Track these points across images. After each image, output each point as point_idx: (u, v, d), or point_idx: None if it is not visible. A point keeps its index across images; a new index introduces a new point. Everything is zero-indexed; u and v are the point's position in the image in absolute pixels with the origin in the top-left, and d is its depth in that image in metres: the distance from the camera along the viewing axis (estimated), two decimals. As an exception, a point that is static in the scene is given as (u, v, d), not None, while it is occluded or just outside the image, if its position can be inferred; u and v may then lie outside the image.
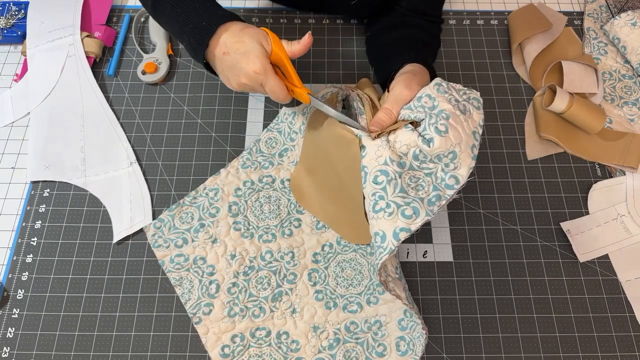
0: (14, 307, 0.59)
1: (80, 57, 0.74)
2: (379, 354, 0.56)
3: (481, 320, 0.59)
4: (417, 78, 0.57)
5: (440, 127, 0.49)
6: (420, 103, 0.52)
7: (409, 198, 0.49)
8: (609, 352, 0.57)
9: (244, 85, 0.56)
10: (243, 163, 0.67)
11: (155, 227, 0.63)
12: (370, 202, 0.50)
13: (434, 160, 0.50)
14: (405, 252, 0.63)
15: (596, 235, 0.63)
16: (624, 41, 0.75)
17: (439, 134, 0.49)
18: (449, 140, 0.49)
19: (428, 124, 0.50)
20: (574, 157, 0.69)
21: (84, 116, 0.71)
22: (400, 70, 0.61)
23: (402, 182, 0.49)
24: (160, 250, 0.61)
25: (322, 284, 0.60)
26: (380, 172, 0.50)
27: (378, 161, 0.50)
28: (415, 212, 0.48)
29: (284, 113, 0.69)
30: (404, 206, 0.48)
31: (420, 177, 0.51)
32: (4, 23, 0.78)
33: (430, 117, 0.50)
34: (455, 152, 0.50)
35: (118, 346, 0.57)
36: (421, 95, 0.53)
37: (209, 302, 0.59)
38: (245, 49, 0.54)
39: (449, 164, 0.50)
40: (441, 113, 0.50)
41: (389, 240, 0.48)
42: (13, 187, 0.66)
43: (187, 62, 0.76)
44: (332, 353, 0.56)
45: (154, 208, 0.65)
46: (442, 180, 0.50)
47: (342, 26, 0.80)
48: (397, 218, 0.48)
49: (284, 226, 0.63)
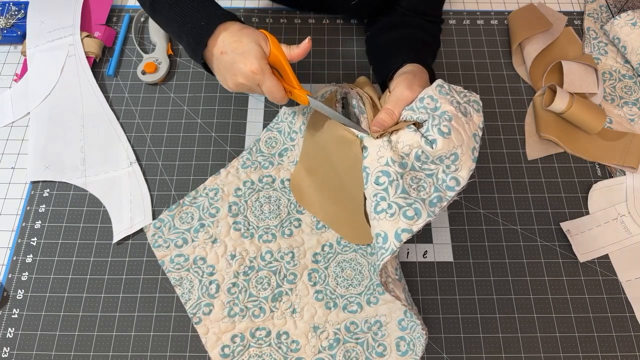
0: (13, 307, 0.59)
1: (80, 57, 0.74)
2: (379, 354, 0.56)
3: (481, 320, 0.59)
4: (418, 79, 0.57)
5: (444, 128, 0.49)
6: (423, 104, 0.52)
7: (411, 199, 0.49)
8: (609, 352, 0.57)
9: (241, 86, 0.55)
10: (243, 163, 0.67)
11: (155, 227, 0.63)
12: (371, 203, 0.50)
13: (436, 162, 0.50)
14: (406, 252, 0.63)
15: (596, 235, 0.63)
16: (624, 41, 0.75)
17: (442, 136, 0.49)
18: (451, 141, 0.49)
19: (431, 125, 0.50)
20: (574, 157, 0.69)
21: (84, 116, 0.71)
22: (400, 70, 0.61)
23: (403, 183, 0.49)
24: (160, 251, 0.61)
25: (322, 284, 0.60)
26: (382, 172, 0.50)
27: (380, 162, 0.50)
28: (417, 213, 0.48)
29: (283, 112, 0.69)
30: (405, 207, 0.48)
31: (422, 178, 0.51)
32: (3, 23, 0.78)
33: (433, 118, 0.50)
34: (457, 153, 0.50)
35: (118, 346, 0.57)
36: (423, 97, 0.53)
37: (209, 302, 0.59)
38: (244, 49, 0.53)
39: (450, 165, 0.50)
40: (444, 115, 0.50)
41: (391, 241, 0.48)
42: (13, 187, 0.66)
43: (187, 62, 0.76)
44: (332, 353, 0.56)
45: (154, 208, 0.65)
46: (443, 182, 0.51)
47: (342, 26, 0.80)
48: (399, 219, 0.48)
49: (284, 226, 0.63)
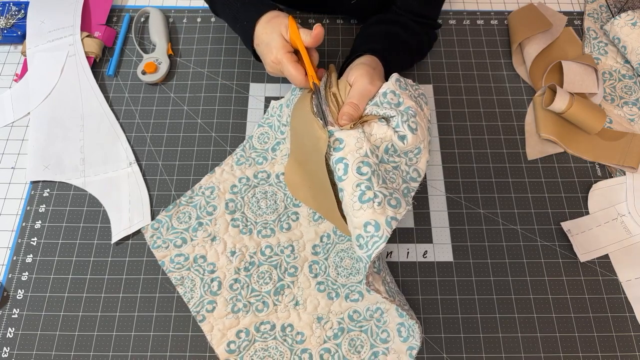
0: (14, 307, 0.59)
1: (80, 57, 0.74)
2: (383, 340, 0.56)
3: (481, 320, 0.59)
4: (377, 72, 0.60)
5: (412, 124, 0.54)
6: (387, 99, 0.55)
7: (391, 189, 0.50)
8: (608, 352, 0.57)
9: (273, 72, 0.62)
10: (237, 160, 0.67)
11: (153, 229, 0.63)
12: (355, 192, 0.50)
13: (401, 155, 0.54)
14: (406, 252, 0.63)
15: (596, 235, 0.63)
16: (624, 41, 0.75)
17: (412, 132, 0.53)
18: (417, 137, 0.54)
19: (401, 122, 0.53)
20: (574, 157, 0.69)
21: (83, 116, 0.71)
22: (360, 59, 0.62)
23: (382, 174, 0.51)
24: (159, 251, 0.61)
25: (323, 275, 0.60)
26: (363, 163, 0.50)
27: (359, 152, 0.51)
28: (398, 203, 0.50)
29: (272, 106, 0.70)
30: (389, 196, 0.50)
31: (390, 170, 0.54)
32: (4, 23, 0.78)
33: (402, 115, 0.54)
34: (420, 147, 0.55)
35: (118, 346, 0.57)
36: (386, 91, 0.55)
37: (211, 300, 0.59)
38: (268, 40, 0.60)
39: (412, 158, 0.55)
40: (408, 110, 0.54)
41: (383, 229, 0.48)
42: (13, 187, 0.66)
43: (187, 62, 0.76)
44: (337, 342, 0.57)
45: (154, 208, 0.65)
46: (407, 174, 0.55)
47: (342, 26, 0.80)
48: (386, 207, 0.49)
49: (281, 220, 0.63)
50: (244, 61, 0.77)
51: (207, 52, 0.77)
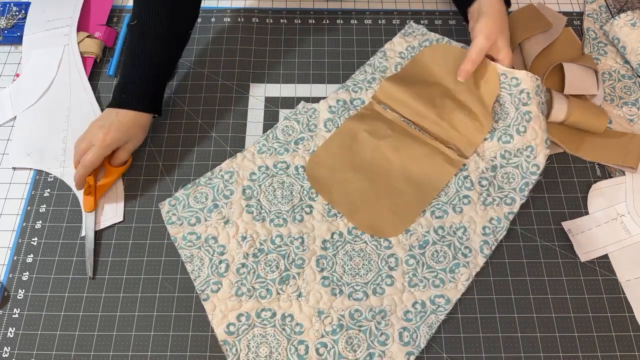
0: (14, 307, 0.59)
1: (73, 49, 0.75)
2: (381, 342, 0.56)
3: (481, 320, 0.59)
4: (497, 24, 0.65)
5: (521, 128, 0.65)
6: (520, 97, 0.66)
7: (505, 191, 0.64)
8: (608, 352, 0.57)
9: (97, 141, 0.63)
10: (259, 148, 0.68)
11: (170, 205, 0.64)
12: (480, 198, 0.64)
13: (517, 155, 0.65)
14: (405, 252, 0.63)
15: (596, 235, 0.63)
16: (623, 41, 0.75)
17: (518, 134, 0.65)
18: (525, 137, 0.65)
19: (513, 124, 0.66)
20: (574, 157, 0.69)
21: (70, 107, 0.71)
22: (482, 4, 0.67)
23: (497, 182, 0.65)
24: (173, 227, 0.63)
25: (330, 270, 0.60)
26: (482, 178, 0.65)
27: (478, 171, 0.65)
28: (513, 200, 0.64)
29: (302, 106, 0.71)
30: (504, 197, 0.64)
31: (510, 171, 0.65)
32: (4, 23, 0.78)
33: (517, 118, 0.65)
34: (533, 146, 0.65)
35: (118, 346, 0.57)
36: (522, 89, 0.66)
37: (217, 281, 0.59)
38: (111, 129, 0.63)
39: (529, 155, 0.65)
40: (526, 115, 0.65)
41: (504, 222, 0.63)
42: (14, 187, 0.67)
43: (187, 63, 0.76)
44: (334, 338, 0.57)
45: (154, 208, 0.65)
46: (527, 169, 0.65)
47: (342, 26, 0.80)
48: (503, 206, 0.63)
49: (295, 212, 0.64)
50: (244, 61, 0.77)
51: (207, 52, 0.77)
